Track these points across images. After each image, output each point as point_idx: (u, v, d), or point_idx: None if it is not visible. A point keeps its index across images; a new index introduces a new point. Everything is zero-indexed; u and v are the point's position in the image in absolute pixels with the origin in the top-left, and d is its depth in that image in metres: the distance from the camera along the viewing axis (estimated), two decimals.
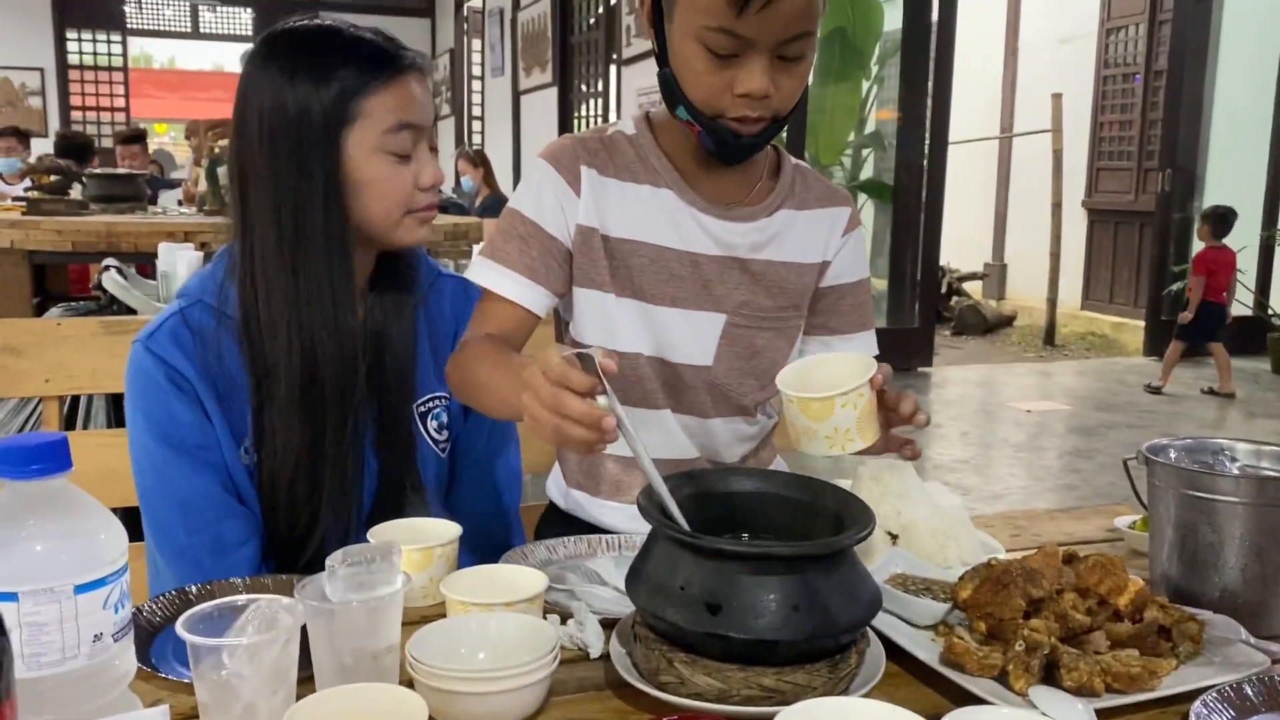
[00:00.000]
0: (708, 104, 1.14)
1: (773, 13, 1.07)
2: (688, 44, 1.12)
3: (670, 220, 1.25)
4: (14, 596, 0.64)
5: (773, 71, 1.12)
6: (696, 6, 1.10)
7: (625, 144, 1.27)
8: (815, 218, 1.31)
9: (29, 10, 10.87)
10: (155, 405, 1.19)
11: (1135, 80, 8.92)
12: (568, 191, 1.24)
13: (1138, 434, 5.39)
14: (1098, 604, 0.98)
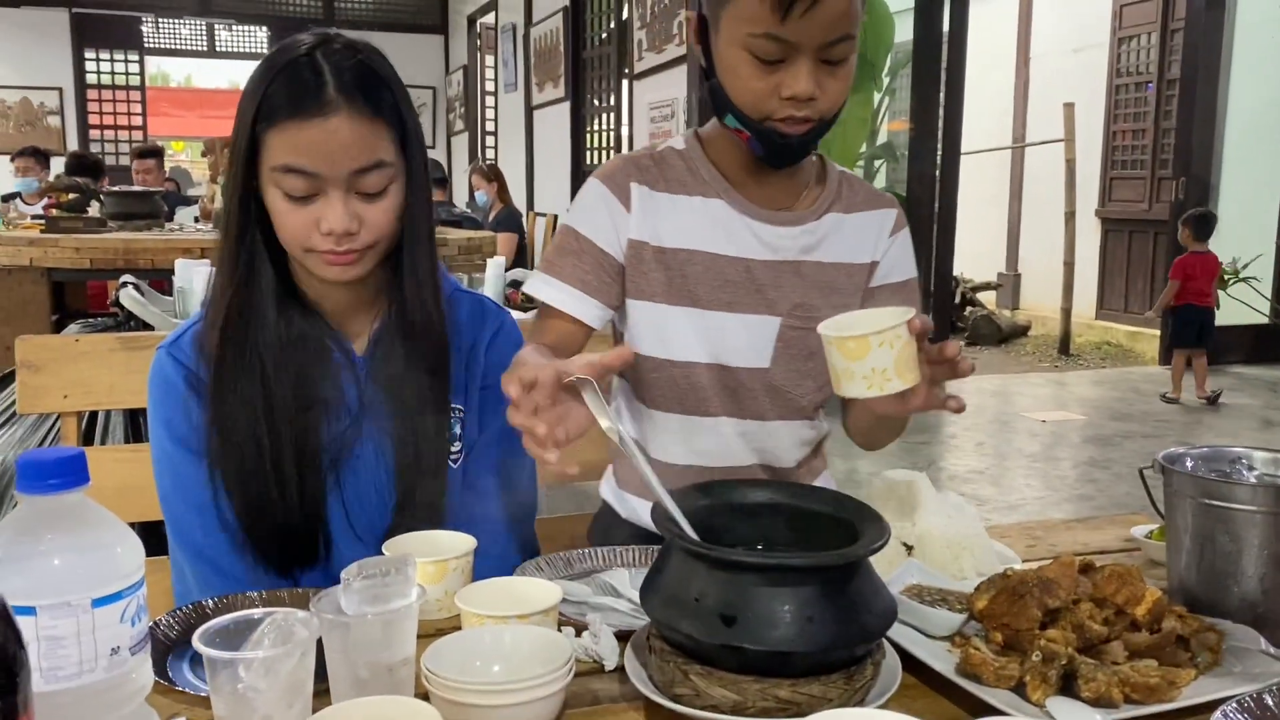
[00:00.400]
0: (755, 108, 1.18)
1: (815, 16, 1.11)
2: (734, 52, 1.17)
3: (722, 228, 1.29)
4: (32, 610, 0.65)
5: (817, 74, 1.15)
6: (742, 15, 1.14)
7: (675, 159, 1.32)
8: (862, 220, 1.34)
9: (48, 31, 10.99)
10: (174, 410, 1.22)
11: (1148, 89, 8.90)
12: (619, 208, 1.28)
13: (1154, 444, 5.35)
14: (1115, 614, 0.97)
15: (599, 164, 7.79)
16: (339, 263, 1.16)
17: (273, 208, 1.16)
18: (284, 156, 1.12)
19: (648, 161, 1.32)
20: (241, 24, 12.08)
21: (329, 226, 1.13)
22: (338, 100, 1.12)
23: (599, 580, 1.19)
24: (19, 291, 3.88)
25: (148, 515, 1.67)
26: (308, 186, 1.13)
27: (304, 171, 1.12)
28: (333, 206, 1.13)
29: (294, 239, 1.16)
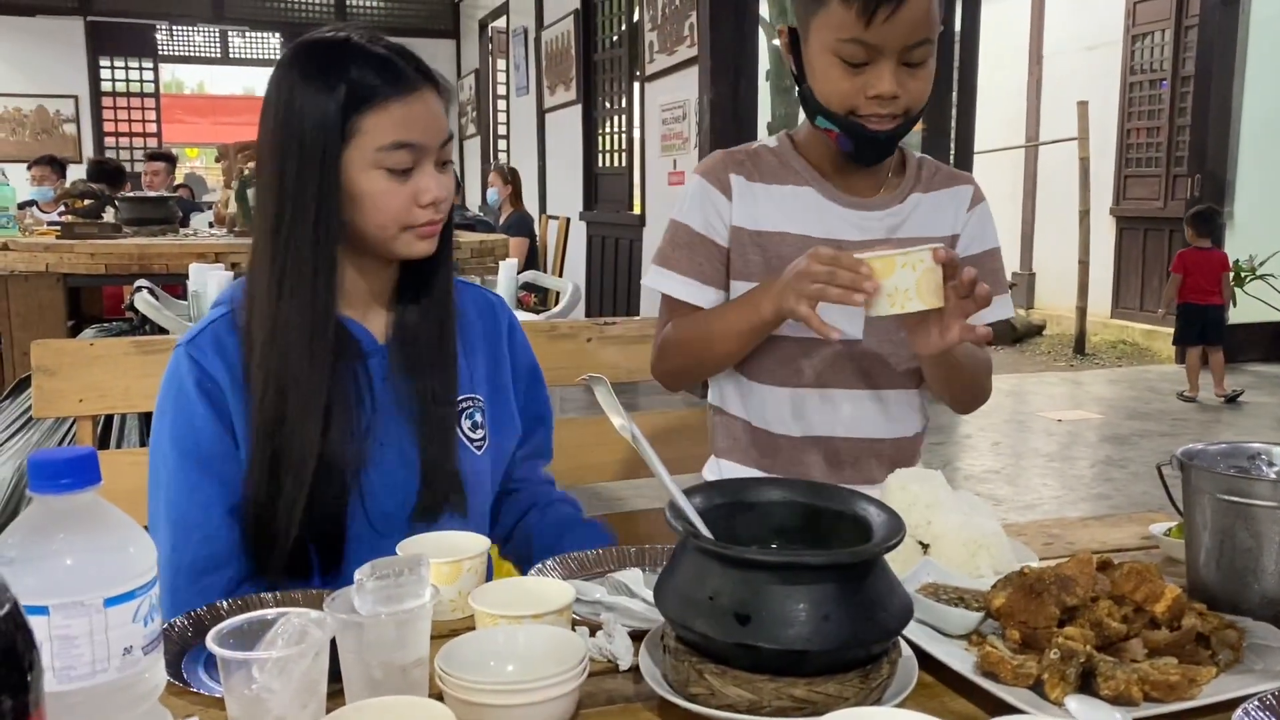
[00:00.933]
0: (844, 106, 1.30)
1: (896, 22, 1.23)
2: (824, 57, 1.29)
3: (814, 213, 1.39)
4: (44, 610, 0.65)
5: (899, 75, 1.27)
6: (830, 24, 1.26)
7: (768, 154, 1.44)
8: (941, 197, 1.44)
9: (64, 40, 11.06)
10: (179, 411, 1.20)
11: (1162, 86, 8.85)
12: (721, 199, 1.41)
13: (1171, 442, 5.32)
14: (1134, 612, 0.96)
15: (612, 166, 7.78)
16: (431, 234, 1.22)
17: (370, 190, 1.18)
18: (392, 134, 1.16)
19: (742, 156, 1.44)
20: (255, 30, 12.13)
21: (433, 196, 1.19)
22: (418, 77, 1.19)
23: (612, 579, 1.19)
24: (36, 297, 3.89)
25: None
26: (412, 159, 1.18)
27: (412, 145, 1.17)
28: (433, 176, 1.20)
29: (394, 217, 1.19)
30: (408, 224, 1.20)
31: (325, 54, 1.18)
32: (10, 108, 11.05)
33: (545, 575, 1.18)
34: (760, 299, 1.29)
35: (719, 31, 5.87)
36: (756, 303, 1.29)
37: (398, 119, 1.17)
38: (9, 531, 0.67)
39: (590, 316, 5.99)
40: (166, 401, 1.22)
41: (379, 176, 1.18)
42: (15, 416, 2.51)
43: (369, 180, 1.18)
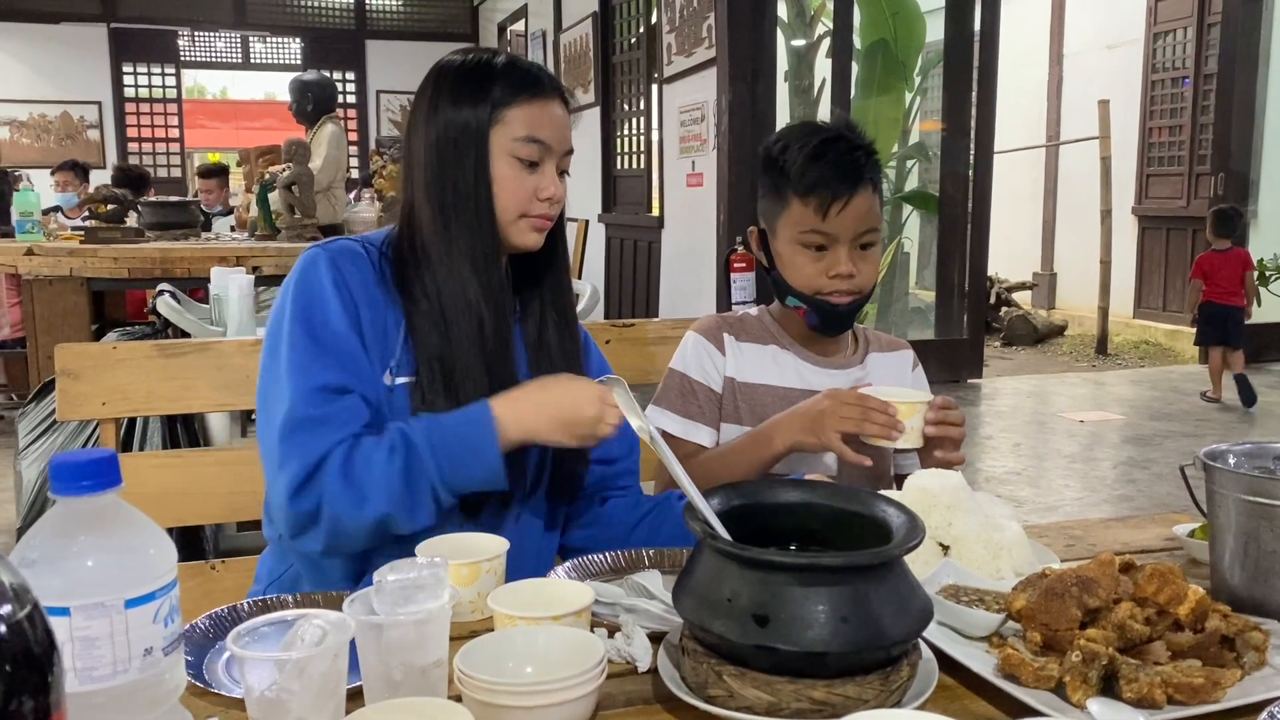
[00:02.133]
0: (809, 286, 1.53)
1: (847, 214, 1.48)
2: (790, 248, 1.54)
3: (792, 370, 1.61)
4: (66, 611, 0.65)
5: (854, 258, 1.51)
6: (793, 220, 1.52)
7: (753, 320, 1.67)
8: (891, 359, 1.69)
9: (88, 47, 11.15)
10: (311, 299, 1.28)
11: (1184, 84, 8.78)
12: (716, 353, 1.63)
13: (1194, 443, 5.27)
14: (1157, 614, 0.95)
15: (630, 168, 7.77)
16: (543, 227, 1.36)
17: (501, 175, 1.33)
18: (527, 128, 1.32)
19: (733, 319, 1.67)
20: (276, 36, 12.20)
21: (550, 193, 1.34)
22: (555, 90, 1.36)
23: (631, 581, 1.19)
24: (60, 301, 3.93)
25: (186, 520, 1.69)
26: (539, 154, 1.33)
27: (541, 142, 1.32)
28: (553, 177, 1.35)
29: (514, 203, 1.33)
30: (525, 212, 1.34)
31: (474, 66, 1.34)
32: (35, 114, 11.16)
33: (564, 577, 1.18)
34: (771, 436, 1.47)
35: (737, 33, 5.86)
36: (767, 439, 1.47)
37: (533, 116, 1.32)
38: (31, 533, 0.67)
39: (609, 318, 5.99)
40: (300, 288, 1.29)
41: (510, 164, 1.32)
42: (41, 419, 2.53)
43: (501, 166, 1.32)
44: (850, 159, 1.50)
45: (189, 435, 2.51)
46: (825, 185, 1.48)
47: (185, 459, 1.78)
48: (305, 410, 1.22)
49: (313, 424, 1.21)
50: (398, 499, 1.20)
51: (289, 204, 4.21)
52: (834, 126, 1.55)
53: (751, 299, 5.66)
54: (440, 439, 1.22)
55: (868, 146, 1.53)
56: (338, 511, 1.20)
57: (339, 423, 1.22)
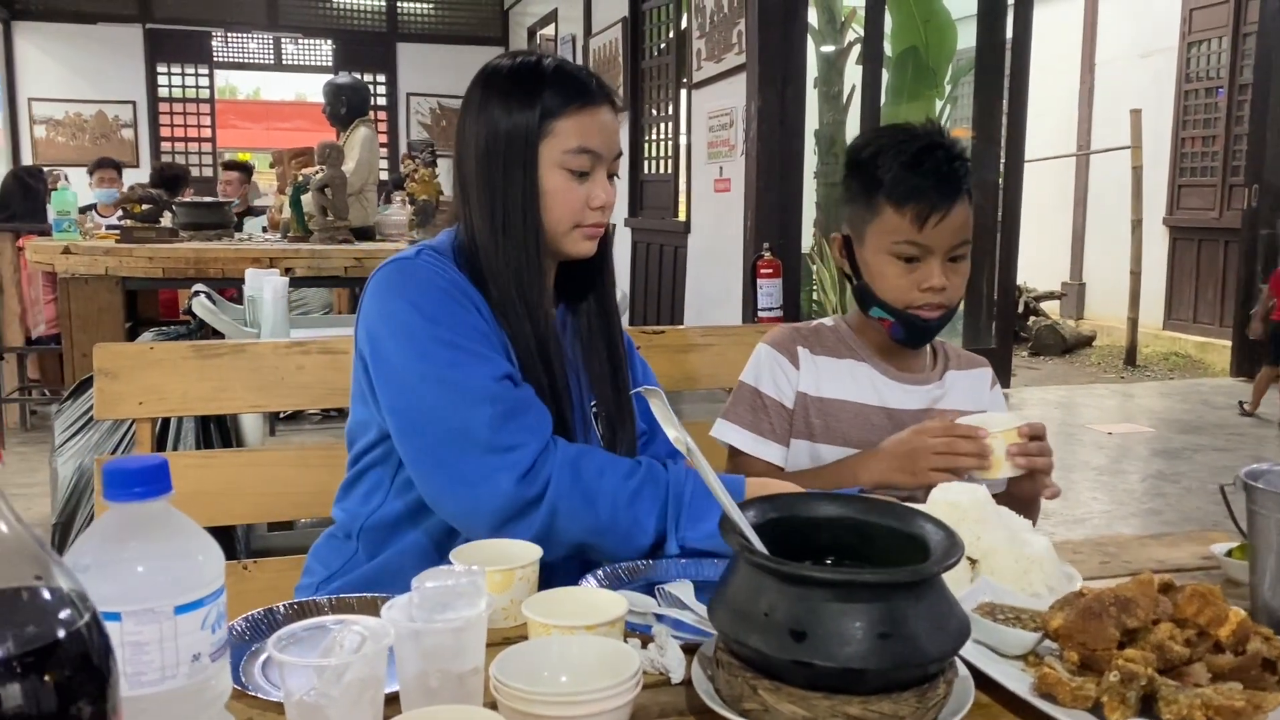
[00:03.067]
0: (899, 299, 1.49)
1: (944, 226, 1.45)
2: (880, 258, 1.49)
3: (870, 385, 1.57)
4: (117, 616, 0.66)
5: (946, 271, 1.47)
6: (885, 229, 1.47)
7: (828, 332, 1.63)
8: (970, 376, 1.64)
9: (123, 47, 11.27)
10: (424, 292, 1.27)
11: (1218, 94, 8.69)
12: (789, 366, 1.59)
13: (1225, 457, 5.21)
14: (1197, 635, 0.94)
15: (658, 173, 7.76)
16: (596, 235, 1.37)
17: (552, 187, 1.33)
18: (577, 139, 1.32)
19: (808, 331, 1.63)
20: (308, 37, 12.28)
21: (601, 200, 1.34)
22: (601, 95, 1.35)
23: (661, 591, 1.19)
24: (95, 300, 3.98)
25: (219, 520, 1.71)
26: (590, 164, 1.33)
27: (592, 151, 1.33)
28: (604, 184, 1.35)
29: (568, 213, 1.34)
30: (579, 222, 1.35)
31: (521, 71, 1.34)
32: (71, 113, 11.29)
33: (595, 585, 1.19)
34: (856, 473, 1.44)
35: (767, 39, 5.86)
36: (851, 475, 1.45)
37: (583, 127, 1.32)
38: (84, 538, 0.68)
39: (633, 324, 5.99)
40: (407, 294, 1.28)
41: (561, 176, 1.33)
42: (77, 416, 2.56)
43: (552, 178, 1.33)
44: (949, 169, 1.46)
45: (222, 436, 2.54)
46: (923, 196, 1.44)
47: (219, 459, 1.80)
48: (505, 399, 1.24)
49: (521, 410, 1.25)
50: (619, 517, 1.24)
51: (322, 206, 4.25)
52: (927, 132, 1.50)
53: (778, 305, 5.66)
54: (689, 486, 1.27)
55: (964, 155, 1.49)
56: (560, 503, 1.23)
57: (539, 410, 1.27)
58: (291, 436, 5.28)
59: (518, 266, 1.32)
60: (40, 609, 0.48)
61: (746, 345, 1.92)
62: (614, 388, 1.45)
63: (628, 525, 1.25)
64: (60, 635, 0.47)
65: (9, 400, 5.27)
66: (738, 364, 1.88)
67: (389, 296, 1.29)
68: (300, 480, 1.65)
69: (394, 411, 1.27)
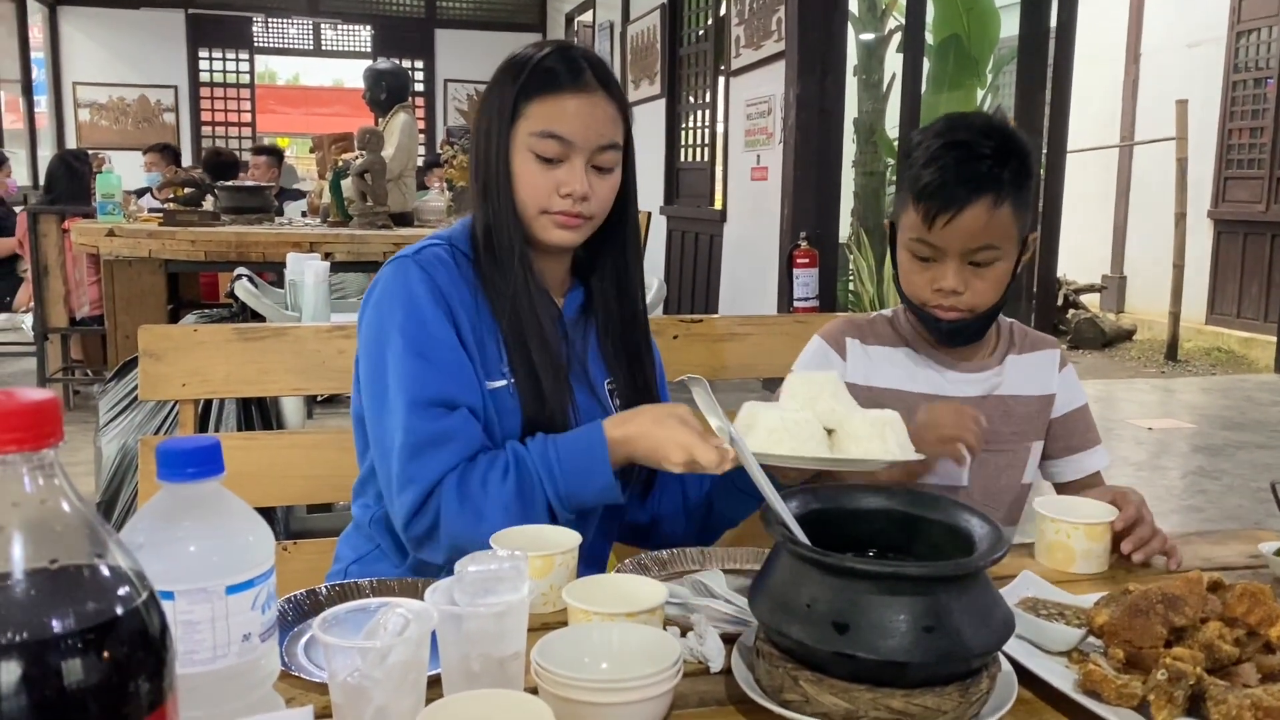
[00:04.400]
0: (914, 296, 1.47)
1: (955, 227, 1.38)
2: (903, 253, 1.47)
3: (923, 373, 1.54)
4: (170, 595, 0.67)
5: (964, 274, 1.41)
6: (907, 224, 1.45)
7: (883, 322, 1.61)
8: (1034, 360, 1.59)
9: (165, 33, 11.40)
10: (409, 311, 1.29)
11: (1268, 84, 8.52)
12: (835, 358, 1.57)
13: (1269, 455, 5.13)
14: (1246, 635, 0.93)
15: (694, 160, 7.73)
16: (568, 225, 1.33)
17: (519, 170, 1.32)
18: (545, 123, 1.30)
19: (862, 322, 1.62)
20: (347, 23, 12.35)
21: (569, 189, 1.31)
22: (594, 83, 1.32)
23: (693, 580, 1.19)
24: (139, 282, 4.04)
25: (259, 501, 1.71)
26: (559, 151, 1.31)
27: (559, 137, 1.30)
28: (575, 171, 1.31)
29: (534, 199, 1.32)
30: (545, 208, 1.32)
31: (519, 56, 1.35)
32: (114, 97, 11.43)
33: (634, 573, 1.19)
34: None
35: (807, 26, 5.81)
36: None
37: (553, 111, 1.31)
38: (138, 517, 0.69)
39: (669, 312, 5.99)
40: (394, 302, 1.30)
41: (529, 160, 1.32)
42: (121, 397, 2.60)
43: (521, 160, 1.32)
44: (968, 169, 1.38)
45: (263, 418, 2.56)
46: (933, 194, 1.39)
47: (260, 441, 1.81)
48: (420, 431, 1.25)
49: (429, 446, 1.24)
50: (513, 516, 1.23)
51: (361, 191, 4.27)
52: (968, 125, 1.43)
53: (814, 295, 5.62)
54: (556, 459, 1.24)
55: (999, 154, 1.39)
56: (455, 531, 1.23)
57: (454, 443, 1.25)
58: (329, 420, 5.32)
59: (498, 237, 1.33)
60: (100, 586, 0.49)
61: (783, 335, 1.92)
62: (630, 368, 1.44)
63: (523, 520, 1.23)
64: (119, 612, 0.48)
65: (53, 380, 5.36)
66: (774, 354, 1.88)
67: (369, 303, 1.33)
68: (339, 463, 1.66)
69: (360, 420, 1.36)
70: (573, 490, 1.24)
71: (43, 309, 5.01)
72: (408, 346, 1.27)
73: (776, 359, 1.80)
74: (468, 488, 1.24)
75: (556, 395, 1.32)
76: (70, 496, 0.50)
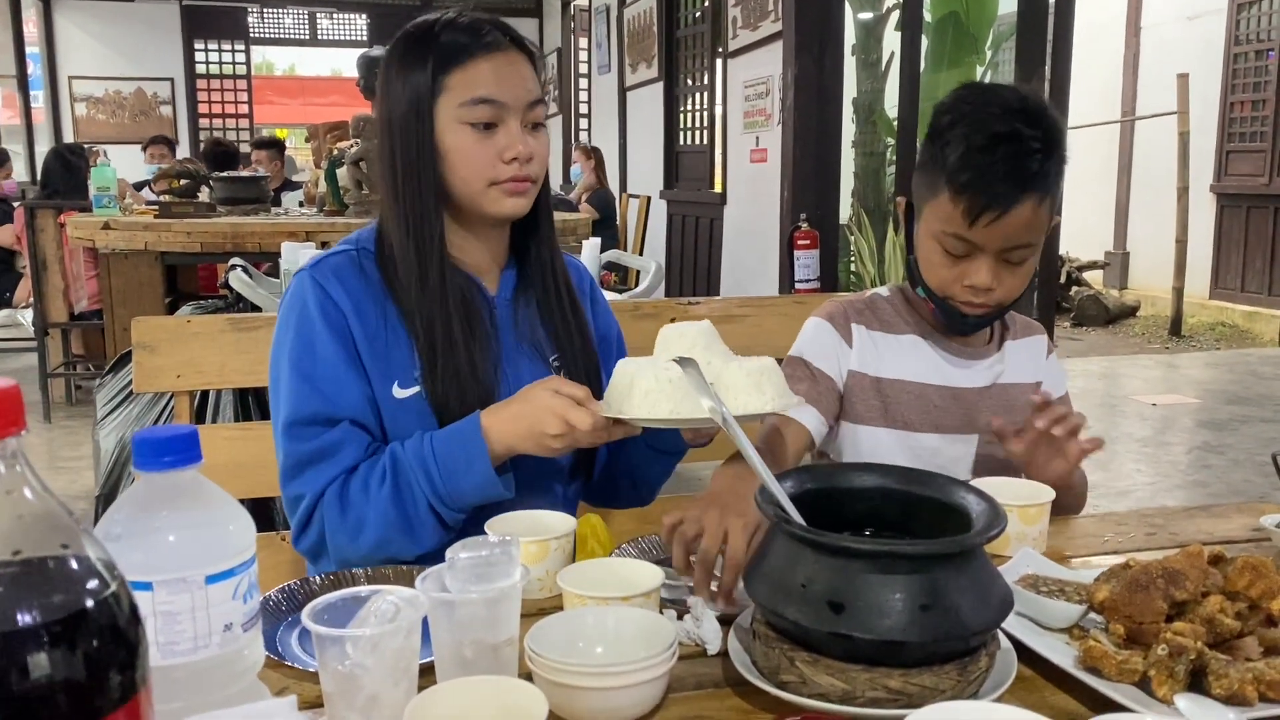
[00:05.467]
0: (941, 289, 1.39)
1: (999, 226, 1.30)
2: (929, 242, 1.38)
3: (929, 362, 1.48)
4: (149, 585, 0.66)
5: (997, 270, 1.35)
6: (939, 214, 1.34)
7: (884, 304, 1.53)
8: (1027, 345, 1.55)
9: (160, 25, 11.37)
10: (300, 333, 1.26)
11: (1269, 57, 8.47)
12: (842, 344, 1.49)
13: (1273, 429, 5.11)
14: (1248, 608, 0.92)
15: (693, 144, 7.70)
16: (518, 191, 1.28)
17: (455, 147, 1.26)
18: (472, 90, 1.25)
19: (862, 304, 1.53)
20: (342, 12, 12.31)
21: (513, 152, 1.25)
22: (504, 41, 1.28)
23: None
24: (135, 274, 4.02)
25: (257, 492, 1.72)
26: (493, 115, 1.25)
27: (491, 100, 1.25)
28: (514, 133, 1.26)
29: (479, 172, 1.26)
30: (493, 179, 1.26)
31: (413, 33, 1.29)
32: (111, 90, 11.41)
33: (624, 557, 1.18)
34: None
35: (804, 6, 5.77)
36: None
37: (480, 75, 1.25)
38: (115, 508, 0.68)
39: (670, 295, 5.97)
40: (289, 321, 1.28)
41: (464, 132, 1.26)
42: (117, 390, 2.59)
43: (455, 136, 1.26)
44: (1019, 165, 1.28)
45: (260, 408, 2.55)
46: (981, 190, 1.29)
47: (257, 431, 1.80)
48: (296, 452, 1.23)
49: (307, 464, 1.23)
50: (392, 523, 1.20)
51: (357, 180, 4.25)
52: (1012, 110, 1.31)
53: (815, 277, 5.60)
54: (431, 455, 1.20)
55: (1050, 145, 1.30)
56: (339, 543, 1.22)
57: (335, 456, 1.23)
58: None
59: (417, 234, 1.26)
60: (67, 578, 0.48)
61: (783, 316, 1.90)
62: (573, 342, 1.38)
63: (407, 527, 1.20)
64: (88, 604, 0.47)
65: (54, 375, 5.36)
66: (774, 335, 1.86)
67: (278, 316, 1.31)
68: None
69: None
70: (452, 488, 1.19)
71: (42, 304, 5.00)
72: (293, 369, 1.25)
73: (776, 340, 1.78)
74: (348, 497, 1.21)
75: (476, 399, 1.25)
76: (35, 486, 0.49)
